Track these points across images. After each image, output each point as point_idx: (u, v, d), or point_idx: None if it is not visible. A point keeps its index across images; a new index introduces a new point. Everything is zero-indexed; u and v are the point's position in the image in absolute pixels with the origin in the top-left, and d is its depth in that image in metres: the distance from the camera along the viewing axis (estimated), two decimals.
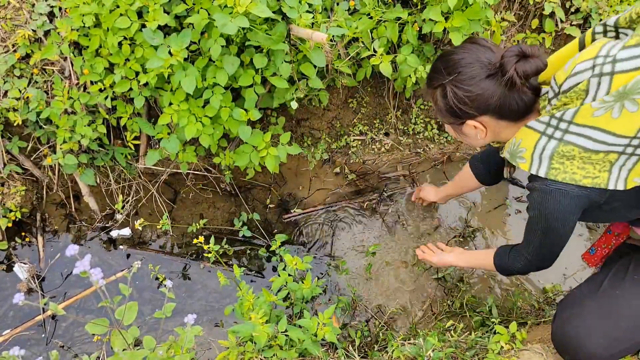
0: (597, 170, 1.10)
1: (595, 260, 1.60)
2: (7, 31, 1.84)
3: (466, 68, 1.16)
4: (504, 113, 1.19)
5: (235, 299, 2.02)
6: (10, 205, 2.05)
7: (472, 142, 1.34)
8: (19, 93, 1.81)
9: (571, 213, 1.19)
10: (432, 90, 1.27)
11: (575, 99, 1.08)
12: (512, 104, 1.16)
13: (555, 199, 1.17)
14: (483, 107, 1.18)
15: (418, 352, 1.51)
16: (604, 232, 1.57)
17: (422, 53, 2.03)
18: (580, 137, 1.08)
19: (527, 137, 1.16)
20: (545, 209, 1.19)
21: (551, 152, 1.12)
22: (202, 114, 1.75)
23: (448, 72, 1.19)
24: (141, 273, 2.07)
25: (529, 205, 1.27)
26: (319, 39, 1.60)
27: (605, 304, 1.32)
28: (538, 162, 1.15)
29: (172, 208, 2.28)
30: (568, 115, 1.08)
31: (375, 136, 2.37)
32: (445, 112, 1.25)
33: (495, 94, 1.15)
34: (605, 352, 1.28)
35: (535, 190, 1.20)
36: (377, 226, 2.23)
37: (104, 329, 1.12)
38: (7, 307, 2.00)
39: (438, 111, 1.29)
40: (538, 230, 1.28)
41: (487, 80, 1.15)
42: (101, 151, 2.02)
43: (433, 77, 1.25)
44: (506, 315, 1.86)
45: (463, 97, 1.17)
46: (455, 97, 1.19)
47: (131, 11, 1.61)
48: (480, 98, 1.16)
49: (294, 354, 1.45)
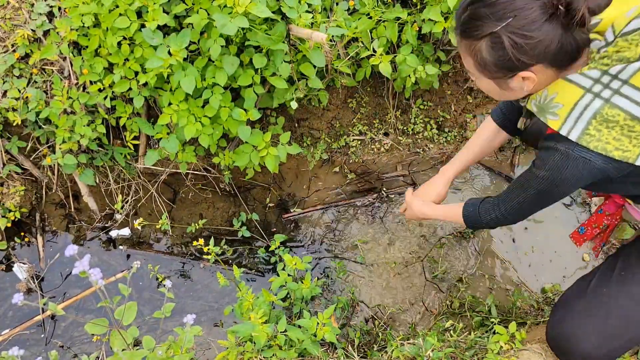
0: (632, 145, 1.01)
1: (583, 239, 1.56)
2: (7, 31, 1.84)
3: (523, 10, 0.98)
4: (557, 60, 1.03)
5: (234, 299, 2.02)
6: (9, 205, 2.05)
7: (513, 96, 1.18)
8: (18, 93, 1.81)
9: (582, 183, 1.10)
10: (473, 42, 1.06)
11: (636, 45, 0.97)
12: (567, 47, 1.01)
13: (576, 167, 1.06)
14: (543, 55, 1.01)
15: (417, 352, 1.51)
16: (595, 211, 1.52)
17: (421, 53, 2.03)
18: (631, 102, 0.98)
19: (567, 92, 1.04)
20: (560, 174, 1.09)
21: (593, 112, 1.00)
22: (201, 114, 1.75)
23: (498, 17, 0.99)
24: (140, 273, 2.08)
25: (539, 164, 1.14)
26: (318, 39, 1.60)
27: (594, 303, 1.32)
28: (573, 123, 1.03)
29: (171, 208, 2.28)
30: (625, 74, 0.97)
31: (374, 136, 2.37)
32: (492, 65, 1.06)
33: (555, 38, 0.99)
34: (598, 350, 1.28)
35: (556, 151, 1.08)
36: (376, 226, 2.23)
37: (104, 329, 1.12)
38: (6, 307, 2.00)
39: (478, 66, 1.10)
40: (533, 189, 1.19)
41: (548, 23, 0.98)
42: (100, 151, 2.02)
43: (474, 26, 1.04)
44: (505, 315, 1.86)
45: (524, 45, 0.99)
46: (515, 47, 1.00)
47: (130, 11, 1.61)
48: (541, 45, 0.99)
49: (294, 354, 1.45)
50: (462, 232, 2.18)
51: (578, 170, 1.06)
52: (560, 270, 2.08)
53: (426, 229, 2.21)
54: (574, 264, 2.09)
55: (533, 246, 2.14)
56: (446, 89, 2.34)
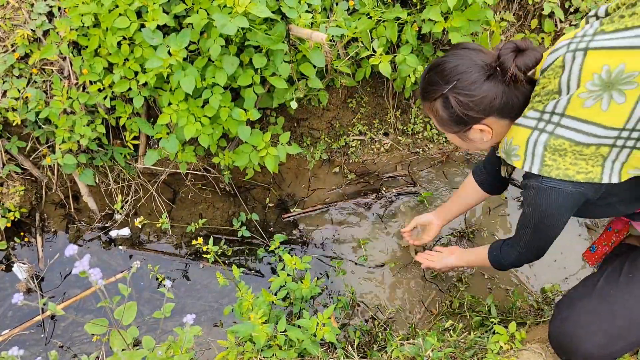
0: (590, 166, 1.09)
1: (595, 258, 1.60)
2: (6, 31, 1.84)
3: (464, 74, 1.16)
4: (505, 111, 1.19)
5: (234, 298, 2.02)
6: (9, 205, 2.05)
7: (478, 147, 1.34)
8: (18, 93, 1.81)
9: (565, 210, 1.19)
10: (431, 103, 1.26)
11: (553, 78, 1.09)
12: (513, 100, 1.17)
13: (549, 197, 1.16)
14: (488, 109, 1.18)
15: (417, 352, 1.51)
16: (604, 229, 1.57)
17: (421, 53, 2.03)
18: (570, 131, 1.07)
19: (519, 134, 1.16)
20: (540, 206, 1.20)
21: (543, 146, 1.11)
22: (201, 114, 1.75)
23: (446, 81, 1.18)
24: (140, 273, 2.08)
25: (524, 202, 1.27)
26: (318, 39, 1.60)
27: (601, 304, 1.32)
28: (531, 158, 1.14)
29: (171, 208, 2.28)
30: (560, 108, 1.07)
31: (374, 136, 2.37)
32: (449, 121, 1.24)
33: (498, 94, 1.15)
34: (602, 351, 1.28)
35: (531, 187, 1.19)
36: (376, 226, 2.23)
37: (103, 329, 1.12)
38: (6, 307, 2.00)
39: (439, 123, 1.28)
40: (530, 225, 1.28)
41: (488, 82, 1.15)
42: (100, 151, 2.02)
43: (430, 90, 1.24)
44: (505, 315, 1.86)
45: (468, 103, 1.17)
46: (460, 105, 1.18)
47: (130, 11, 1.61)
48: (484, 101, 1.16)
49: (293, 354, 1.45)
50: (461, 231, 2.18)
51: (553, 199, 1.16)
52: (560, 270, 2.08)
53: None
54: (574, 264, 2.09)
55: None
56: None
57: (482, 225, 2.21)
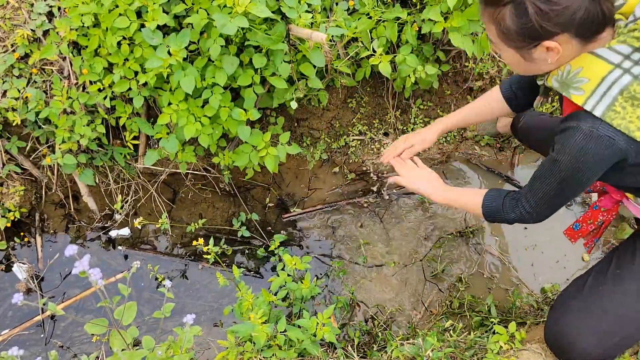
0: None
1: (579, 235, 1.54)
2: (6, 31, 1.84)
3: None
4: (582, 29, 1.00)
5: (234, 299, 2.02)
6: (9, 205, 2.05)
7: (537, 69, 1.15)
8: (18, 93, 1.81)
9: (604, 166, 1.06)
10: (497, 9, 1.03)
11: None
12: (594, 17, 0.99)
13: (599, 146, 1.02)
14: (567, 23, 0.98)
15: (417, 352, 1.51)
16: (590, 207, 1.51)
17: (421, 53, 2.03)
18: None
19: (594, 67, 1.01)
20: (582, 156, 1.04)
21: (620, 89, 0.98)
22: (201, 114, 1.75)
23: None
24: (140, 273, 2.07)
25: (559, 148, 1.10)
26: (318, 39, 1.60)
27: (590, 301, 1.32)
28: (599, 97, 1.00)
29: (171, 208, 2.28)
30: None
31: (374, 136, 2.37)
32: (515, 34, 1.04)
33: (582, 5, 0.96)
34: (597, 348, 1.28)
35: (578, 130, 1.04)
36: (376, 226, 2.23)
37: (103, 329, 1.12)
38: (6, 307, 2.00)
39: (501, 35, 1.07)
40: (556, 177, 1.13)
41: None
42: (100, 151, 2.02)
43: None
44: (505, 315, 1.86)
45: (548, 12, 0.97)
46: (539, 13, 0.98)
47: (130, 11, 1.61)
48: (566, 12, 0.97)
49: (293, 354, 1.45)
50: (461, 231, 2.18)
51: (601, 150, 1.02)
52: (560, 270, 2.09)
53: (425, 229, 2.22)
54: (574, 264, 2.09)
55: (533, 246, 2.14)
56: (446, 89, 2.34)
57: (482, 225, 2.21)
